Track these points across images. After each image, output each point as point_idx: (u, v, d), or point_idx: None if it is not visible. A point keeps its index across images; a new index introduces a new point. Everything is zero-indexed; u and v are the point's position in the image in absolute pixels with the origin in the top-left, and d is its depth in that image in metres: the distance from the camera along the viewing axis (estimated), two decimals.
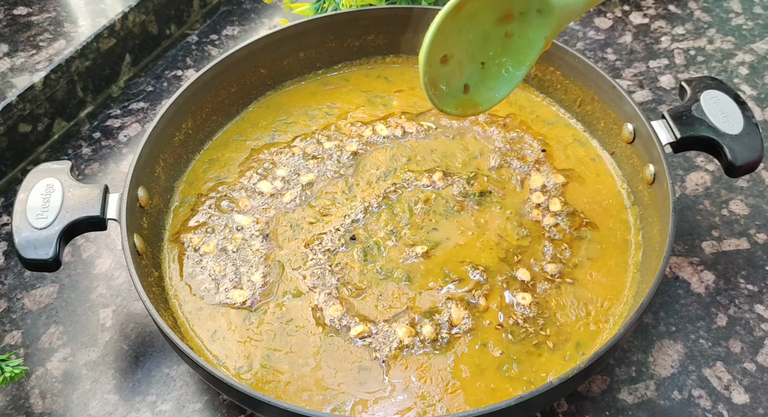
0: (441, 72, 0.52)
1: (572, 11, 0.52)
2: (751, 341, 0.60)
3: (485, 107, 0.56)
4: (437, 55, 0.51)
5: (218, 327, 0.58)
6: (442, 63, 0.52)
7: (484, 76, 0.55)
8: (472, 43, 0.52)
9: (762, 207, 0.69)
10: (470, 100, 0.55)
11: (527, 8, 0.51)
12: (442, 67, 0.52)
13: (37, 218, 0.56)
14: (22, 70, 0.74)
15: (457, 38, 0.51)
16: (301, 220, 0.64)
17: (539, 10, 0.51)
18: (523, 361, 0.55)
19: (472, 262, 0.60)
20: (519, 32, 0.53)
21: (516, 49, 0.54)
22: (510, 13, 0.52)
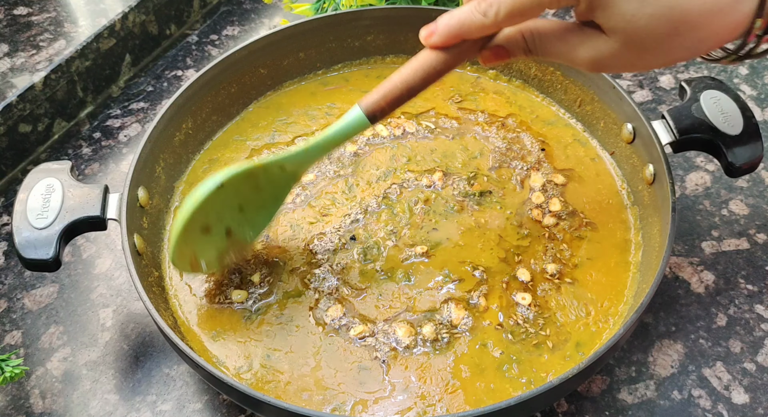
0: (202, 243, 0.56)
1: (311, 161, 0.57)
2: (751, 341, 0.60)
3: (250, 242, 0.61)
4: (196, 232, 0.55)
5: (218, 327, 0.58)
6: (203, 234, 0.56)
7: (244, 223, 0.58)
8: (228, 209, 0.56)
9: (762, 207, 0.69)
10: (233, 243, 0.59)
11: (269, 171, 0.56)
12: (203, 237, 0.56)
13: (37, 218, 0.56)
14: (22, 70, 0.74)
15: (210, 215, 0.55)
16: (301, 220, 0.64)
17: (281, 168, 0.56)
18: (523, 361, 0.55)
19: (472, 262, 0.60)
20: (267, 186, 0.57)
21: (267, 200, 0.59)
22: (255, 174, 0.56)
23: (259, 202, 0.58)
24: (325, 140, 0.55)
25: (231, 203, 0.56)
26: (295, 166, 0.57)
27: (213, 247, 0.57)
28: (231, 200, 0.56)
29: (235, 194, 0.56)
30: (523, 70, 0.73)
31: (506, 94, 0.73)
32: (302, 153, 0.56)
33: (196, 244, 0.56)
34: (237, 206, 0.57)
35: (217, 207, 0.55)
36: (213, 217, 0.55)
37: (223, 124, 0.72)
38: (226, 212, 0.56)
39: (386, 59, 0.76)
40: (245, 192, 0.56)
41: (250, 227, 0.59)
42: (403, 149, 0.68)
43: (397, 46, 0.76)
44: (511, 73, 0.74)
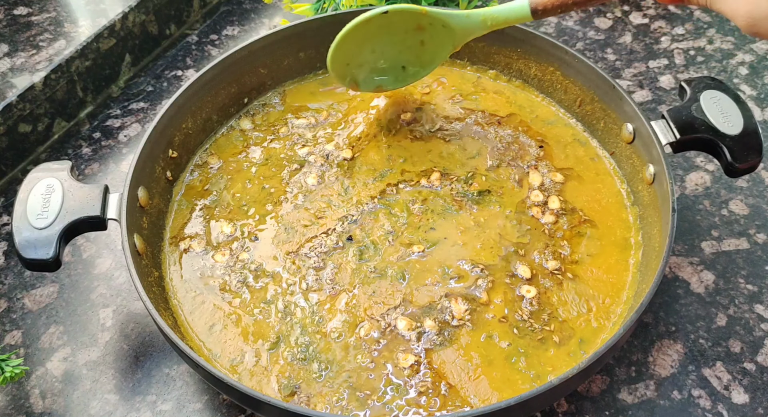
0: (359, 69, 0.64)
1: (471, 31, 0.62)
2: (751, 341, 0.60)
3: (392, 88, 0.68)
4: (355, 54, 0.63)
5: (218, 326, 0.58)
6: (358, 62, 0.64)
7: (398, 76, 0.66)
8: (392, 46, 0.63)
9: (762, 207, 0.69)
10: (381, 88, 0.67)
11: (434, 22, 0.62)
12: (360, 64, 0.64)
13: (38, 218, 0.56)
14: (22, 70, 0.74)
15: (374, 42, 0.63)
16: (296, 223, 0.63)
17: (443, 25, 0.62)
18: (530, 355, 0.55)
19: (472, 260, 0.60)
20: (430, 41, 0.63)
21: (428, 55, 0.65)
22: (420, 25, 0.62)
23: (417, 52, 0.64)
24: (485, 14, 0.60)
25: (390, 38, 0.62)
26: (455, 28, 0.61)
27: (364, 68, 0.65)
28: (391, 34, 0.62)
29: (394, 28, 0.62)
30: (523, 70, 0.73)
31: (506, 93, 0.73)
32: (463, 17, 0.61)
33: (351, 57, 0.63)
34: (396, 44, 0.63)
35: (378, 33, 0.62)
36: (370, 43, 0.62)
37: (223, 124, 0.72)
38: (384, 45, 0.63)
39: None
40: (403, 32, 0.62)
41: (399, 72, 0.66)
42: (398, 149, 0.68)
43: None
44: (511, 73, 0.74)
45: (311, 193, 0.65)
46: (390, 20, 0.61)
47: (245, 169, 0.68)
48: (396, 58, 0.64)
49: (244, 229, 0.63)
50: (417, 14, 0.61)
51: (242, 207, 0.65)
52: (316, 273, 0.60)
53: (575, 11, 0.87)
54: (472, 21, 0.61)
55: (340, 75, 0.65)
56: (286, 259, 0.61)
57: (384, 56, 0.64)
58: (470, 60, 0.75)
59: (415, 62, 0.65)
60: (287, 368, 0.55)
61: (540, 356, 0.55)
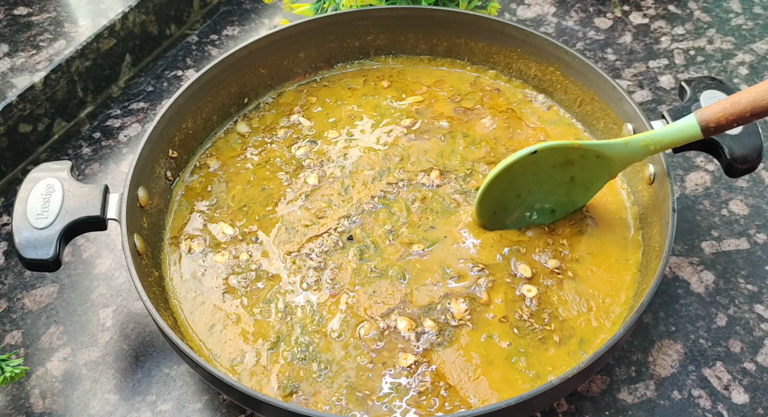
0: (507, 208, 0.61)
1: (630, 158, 0.57)
2: (751, 341, 0.60)
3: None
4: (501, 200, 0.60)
5: (218, 326, 0.58)
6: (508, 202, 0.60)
7: (546, 217, 0.62)
8: (540, 185, 0.59)
9: (762, 207, 0.69)
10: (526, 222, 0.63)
11: (586, 155, 0.57)
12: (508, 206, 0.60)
13: (38, 218, 0.56)
14: (23, 70, 0.74)
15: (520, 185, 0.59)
16: (297, 223, 0.64)
17: (597, 156, 0.57)
18: (530, 355, 0.55)
19: (472, 260, 0.60)
20: (581, 175, 0.59)
21: (582, 187, 0.60)
22: (570, 160, 0.58)
23: (567, 187, 0.60)
24: (647, 139, 0.55)
25: (540, 176, 0.58)
26: (612, 158, 0.57)
27: (511, 214, 0.61)
28: (540, 173, 0.58)
29: (547, 168, 0.58)
30: (523, 70, 0.73)
31: (506, 93, 0.73)
32: (620, 145, 0.56)
33: (496, 204, 0.60)
34: (545, 182, 0.59)
35: (526, 174, 0.58)
36: (516, 186, 0.59)
37: (223, 125, 0.72)
38: (533, 184, 0.59)
39: (386, 59, 0.77)
40: (557, 170, 0.58)
41: (552, 206, 0.61)
42: (395, 149, 0.68)
43: (397, 46, 0.76)
44: (511, 73, 0.74)
45: (311, 193, 0.65)
46: (536, 159, 0.57)
47: (244, 171, 0.68)
48: (543, 198, 0.60)
49: (244, 229, 0.63)
50: (567, 149, 0.57)
51: (242, 208, 0.65)
52: (317, 273, 0.60)
53: (576, 13, 0.87)
54: (631, 149, 0.56)
55: (489, 225, 0.61)
56: (287, 259, 0.61)
57: (530, 198, 0.60)
58: (470, 60, 0.75)
59: (565, 201, 0.61)
60: (287, 368, 0.55)
61: (540, 356, 0.55)
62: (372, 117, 0.71)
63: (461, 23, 0.72)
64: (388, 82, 0.75)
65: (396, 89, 0.74)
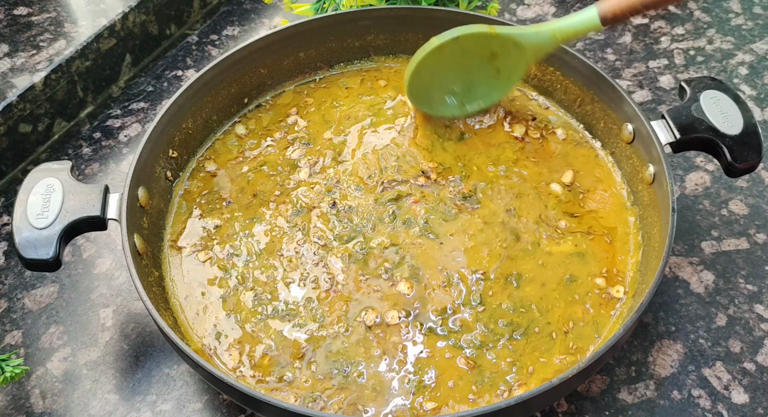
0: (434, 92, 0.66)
1: (541, 47, 0.63)
2: (751, 341, 0.60)
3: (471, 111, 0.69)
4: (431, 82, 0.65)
5: (219, 326, 0.58)
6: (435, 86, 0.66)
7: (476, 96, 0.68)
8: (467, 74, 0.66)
9: (762, 207, 0.69)
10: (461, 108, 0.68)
11: (505, 43, 0.63)
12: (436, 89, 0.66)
13: (38, 218, 0.56)
14: (23, 70, 0.74)
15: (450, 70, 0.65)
16: (295, 223, 0.64)
17: (515, 44, 0.63)
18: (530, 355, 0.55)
19: (472, 260, 0.60)
20: (504, 64, 0.65)
21: (505, 77, 0.67)
22: (494, 52, 0.64)
23: (493, 72, 0.65)
24: (554, 28, 0.61)
25: (463, 62, 0.64)
26: (527, 47, 0.62)
27: (440, 95, 0.66)
28: (463, 58, 0.64)
29: (468, 54, 0.63)
30: None
31: None
32: (533, 34, 0.62)
33: (426, 84, 0.65)
34: (470, 66, 0.65)
35: (450, 59, 0.63)
36: (444, 67, 0.64)
37: (223, 125, 0.72)
38: (458, 69, 0.64)
39: (386, 59, 0.77)
40: (478, 57, 0.64)
41: (478, 93, 0.67)
42: (391, 149, 0.68)
43: (397, 46, 0.76)
44: None
45: (307, 193, 0.65)
46: (462, 46, 0.63)
47: (242, 173, 0.68)
48: (472, 85, 0.66)
49: (244, 230, 0.63)
50: (487, 36, 0.62)
51: (241, 209, 0.65)
52: (316, 271, 0.60)
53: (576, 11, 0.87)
54: (541, 37, 0.62)
55: (418, 101, 0.67)
56: (286, 258, 0.61)
57: (460, 83, 0.66)
58: None
59: (493, 85, 0.67)
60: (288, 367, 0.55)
61: (540, 355, 0.55)
62: (370, 117, 0.71)
63: (461, 23, 0.72)
64: (388, 82, 0.75)
65: (393, 89, 0.74)
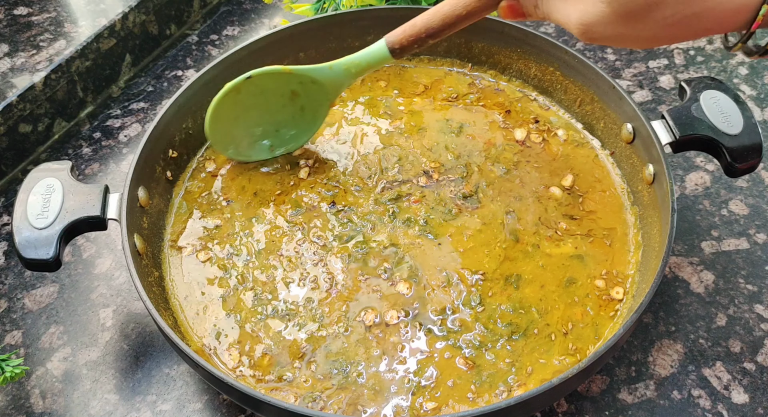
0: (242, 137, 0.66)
1: (340, 82, 0.63)
2: (751, 341, 0.60)
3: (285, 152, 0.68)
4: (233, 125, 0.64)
5: (219, 326, 0.58)
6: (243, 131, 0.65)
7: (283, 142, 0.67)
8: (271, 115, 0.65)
9: (762, 207, 0.69)
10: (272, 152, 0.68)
11: (303, 81, 0.63)
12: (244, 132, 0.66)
13: (38, 218, 0.56)
14: (23, 70, 0.74)
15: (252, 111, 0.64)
16: (295, 223, 0.64)
17: (313, 82, 0.62)
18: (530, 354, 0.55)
19: (472, 260, 0.60)
20: (308, 103, 0.64)
21: (310, 116, 0.66)
22: (294, 90, 0.63)
23: (297, 112, 0.65)
24: (347, 62, 0.61)
25: (264, 103, 0.63)
26: (325, 83, 0.62)
27: (245, 138, 0.66)
28: (264, 99, 0.63)
29: (269, 94, 0.63)
30: (523, 70, 0.73)
31: (506, 92, 0.73)
32: (326, 69, 0.61)
33: (229, 128, 0.64)
34: (273, 107, 0.64)
35: (249, 100, 0.62)
36: (245, 109, 0.63)
37: None
38: (260, 110, 0.64)
39: None
40: (279, 97, 0.63)
41: (286, 135, 0.66)
42: (392, 149, 0.68)
43: None
44: (510, 73, 0.74)
45: (308, 193, 0.65)
46: (260, 86, 0.62)
47: (242, 173, 0.68)
48: (279, 126, 0.66)
49: (244, 229, 0.63)
50: (282, 74, 0.62)
51: (241, 208, 0.65)
52: (315, 271, 0.60)
53: None
54: (335, 72, 0.62)
55: (223, 147, 0.66)
56: (285, 258, 0.61)
57: (265, 125, 0.65)
58: (470, 60, 0.75)
59: (300, 126, 0.66)
60: (287, 367, 0.55)
61: (539, 356, 0.55)
62: (370, 117, 0.71)
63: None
64: (388, 83, 0.75)
65: (393, 89, 0.74)
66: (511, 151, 0.68)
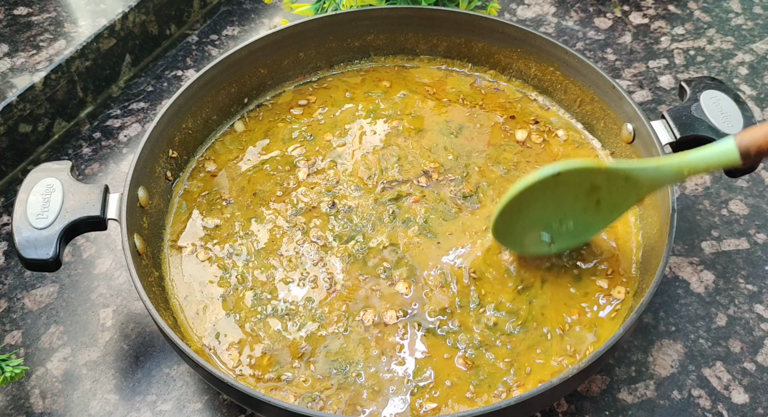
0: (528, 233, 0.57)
1: (661, 181, 0.53)
2: (751, 341, 0.60)
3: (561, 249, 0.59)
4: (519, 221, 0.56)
5: (219, 326, 0.58)
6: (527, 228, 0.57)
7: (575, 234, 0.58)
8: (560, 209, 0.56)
9: (762, 207, 0.69)
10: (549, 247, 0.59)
11: (612, 178, 0.53)
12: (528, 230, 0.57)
13: (38, 218, 0.56)
14: (23, 70, 0.74)
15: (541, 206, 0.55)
16: (294, 223, 0.64)
17: (625, 179, 0.53)
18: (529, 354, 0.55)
19: (472, 261, 0.60)
20: (608, 197, 0.55)
21: (606, 211, 0.56)
22: (596, 185, 0.54)
23: (589, 207, 0.55)
24: (681, 164, 0.51)
25: (553, 194, 0.54)
26: (641, 182, 0.53)
27: (528, 233, 0.57)
28: (555, 191, 0.54)
29: (563, 186, 0.54)
30: (523, 70, 0.73)
31: (506, 92, 0.73)
32: (652, 169, 0.52)
33: (513, 223, 0.56)
34: (565, 207, 0.55)
35: (539, 192, 0.54)
36: (536, 207, 0.55)
37: (223, 125, 0.72)
38: (552, 208, 0.55)
39: (386, 59, 0.77)
40: (574, 188, 0.54)
41: (569, 232, 0.57)
42: (391, 150, 0.68)
43: (397, 46, 0.76)
44: (511, 73, 0.74)
45: (307, 193, 0.65)
46: (559, 180, 0.53)
47: (242, 173, 0.68)
48: (564, 216, 0.57)
49: (244, 229, 0.63)
50: (592, 171, 0.53)
51: (241, 208, 0.65)
52: (315, 271, 0.60)
53: (576, 13, 0.87)
54: (662, 173, 0.52)
55: (504, 242, 0.59)
56: (285, 258, 0.61)
57: (551, 221, 0.57)
58: (470, 60, 0.75)
59: (589, 220, 0.57)
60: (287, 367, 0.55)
61: (537, 357, 0.55)
62: (370, 117, 0.71)
63: (461, 23, 0.72)
64: (389, 83, 0.75)
65: (395, 89, 0.74)
66: (512, 151, 0.68)
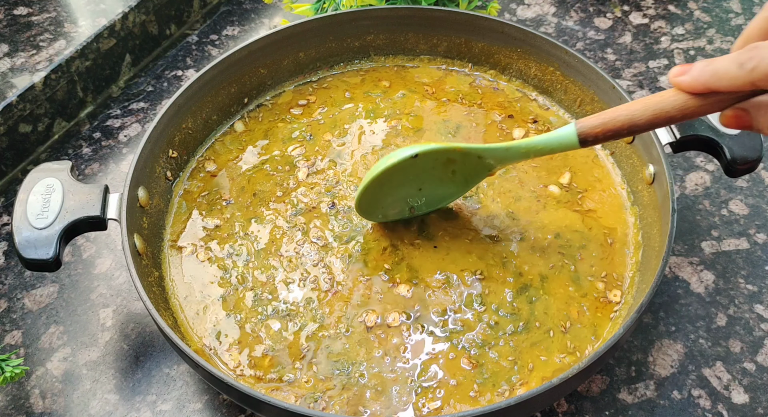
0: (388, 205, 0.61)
1: (509, 160, 0.58)
2: (751, 341, 0.60)
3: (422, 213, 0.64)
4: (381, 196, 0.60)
5: (219, 326, 0.58)
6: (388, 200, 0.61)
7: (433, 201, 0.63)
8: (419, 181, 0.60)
9: (762, 207, 0.69)
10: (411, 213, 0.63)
11: (468, 155, 0.58)
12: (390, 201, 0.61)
13: (38, 218, 0.56)
14: (23, 70, 0.74)
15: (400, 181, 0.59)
16: (295, 223, 0.64)
17: (479, 156, 0.58)
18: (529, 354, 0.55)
19: (472, 261, 0.60)
20: (462, 169, 0.60)
21: (461, 181, 0.61)
22: (452, 159, 0.58)
23: (448, 180, 0.60)
24: (528, 146, 0.56)
25: (413, 168, 0.58)
26: (492, 160, 0.58)
27: (392, 206, 0.62)
28: (422, 171, 0.59)
29: (428, 165, 0.58)
30: (523, 70, 0.73)
31: (505, 92, 0.73)
32: (503, 150, 0.57)
33: (376, 199, 0.60)
34: (424, 179, 0.60)
35: (407, 171, 0.58)
36: (396, 182, 0.59)
37: (223, 124, 0.72)
38: (412, 181, 0.60)
39: (386, 59, 0.77)
40: (432, 161, 0.58)
41: (428, 200, 0.62)
42: (391, 149, 0.68)
43: (397, 46, 0.76)
44: (510, 73, 0.74)
45: (307, 193, 0.65)
46: (417, 159, 0.57)
47: (241, 173, 0.68)
48: (422, 184, 0.60)
49: (244, 230, 0.63)
50: (449, 151, 0.58)
51: (241, 208, 0.65)
52: (315, 272, 0.60)
53: (576, 13, 0.87)
54: (511, 153, 0.57)
55: (369, 217, 0.62)
56: (285, 258, 0.61)
57: (411, 191, 0.61)
58: (470, 60, 0.75)
59: (447, 188, 0.62)
60: (288, 367, 0.55)
61: (540, 354, 0.55)
62: (370, 117, 0.71)
63: (461, 23, 0.72)
64: (388, 83, 0.75)
65: (395, 89, 0.74)
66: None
